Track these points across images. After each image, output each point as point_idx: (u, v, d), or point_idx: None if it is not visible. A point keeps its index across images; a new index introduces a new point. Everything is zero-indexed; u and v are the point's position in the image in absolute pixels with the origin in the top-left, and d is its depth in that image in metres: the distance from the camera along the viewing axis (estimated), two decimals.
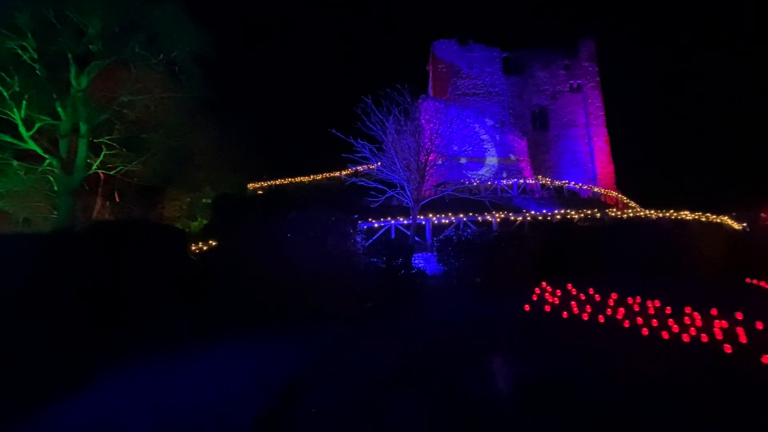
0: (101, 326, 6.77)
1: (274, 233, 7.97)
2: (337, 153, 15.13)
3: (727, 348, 5.35)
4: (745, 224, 18.72)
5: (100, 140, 14.22)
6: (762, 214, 32.24)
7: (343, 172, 22.85)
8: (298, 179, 25.93)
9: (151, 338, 6.55)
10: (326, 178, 25.43)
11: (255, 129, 26.58)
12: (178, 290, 8.06)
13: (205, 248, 11.54)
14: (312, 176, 26.06)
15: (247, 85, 51.93)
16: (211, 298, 8.04)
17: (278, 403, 4.33)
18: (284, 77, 60.29)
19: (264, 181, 25.53)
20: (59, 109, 13.05)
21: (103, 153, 14.37)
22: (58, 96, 13.01)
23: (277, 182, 25.70)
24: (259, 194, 23.49)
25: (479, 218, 14.20)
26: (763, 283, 10.35)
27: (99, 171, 14.81)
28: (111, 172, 15.05)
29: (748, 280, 10.77)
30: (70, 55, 12.83)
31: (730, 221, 16.01)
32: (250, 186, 24.56)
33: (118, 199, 16.93)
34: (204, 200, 19.41)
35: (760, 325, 6.18)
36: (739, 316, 6.58)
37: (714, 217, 15.00)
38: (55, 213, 13.56)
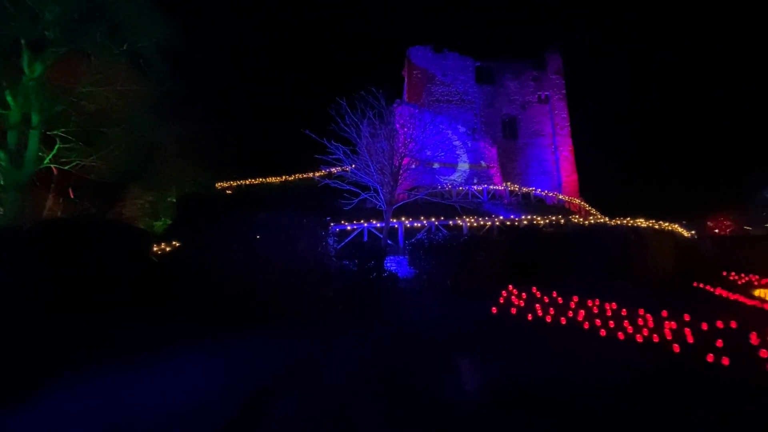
0: (51, 333, 6.31)
1: (242, 235, 7.75)
2: (310, 154, 14.96)
3: (676, 348, 5.72)
4: (693, 232, 20.16)
5: (54, 132, 13.33)
6: (708, 223, 34.98)
7: (316, 174, 22.62)
8: (269, 179, 25.40)
9: (107, 345, 6.17)
10: (299, 179, 25.06)
11: (225, 127, 25.88)
12: (138, 294, 7.66)
13: (168, 249, 11.04)
14: (284, 177, 25.61)
15: (219, 82, 50.42)
16: (174, 302, 7.69)
17: (242, 411, 4.20)
18: (258, 75, 59.05)
19: (233, 180, 24.83)
20: (9, 98, 12.13)
21: (57, 146, 13.47)
22: (7, 84, 12.10)
23: (247, 182, 25.06)
24: (228, 194, 22.82)
25: (450, 222, 14.46)
26: (708, 287, 11.15)
27: (52, 165, 13.86)
28: (65, 167, 14.11)
29: (695, 284, 11.56)
30: (23, 41, 11.98)
31: (680, 229, 17.16)
32: (219, 185, 23.80)
33: (72, 196, 15.90)
34: (169, 199, 18.60)
35: (705, 326, 6.66)
36: (687, 317, 7.06)
37: (666, 225, 16.02)
38: (1, 209, 12.55)
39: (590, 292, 8.73)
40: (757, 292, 10.87)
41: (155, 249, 10.82)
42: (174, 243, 11.37)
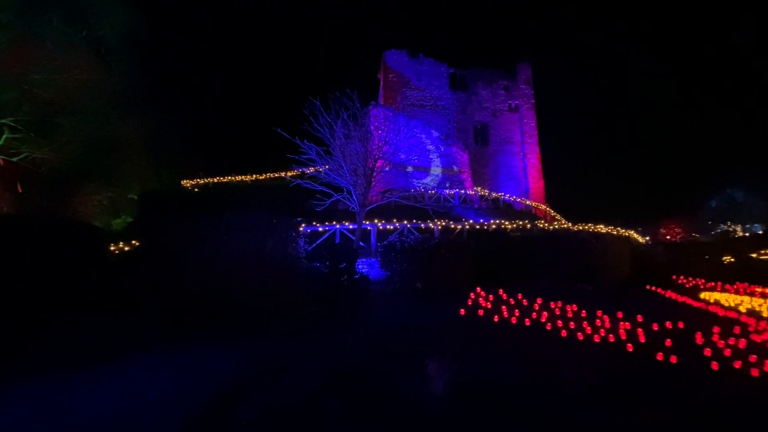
0: None
1: (207, 234, 7.48)
2: (282, 153, 14.68)
3: (629, 347, 6.05)
4: (648, 238, 21.47)
5: (3, 121, 12.36)
6: (661, 230, 37.28)
7: (288, 174, 22.24)
8: (239, 178, 24.72)
9: (58, 352, 5.76)
10: (270, 178, 24.57)
11: (194, 122, 24.97)
12: (92, 296, 7.21)
13: (127, 249, 10.47)
14: (255, 175, 25.03)
15: (189, 76, 48.61)
16: (131, 305, 7.30)
17: (205, 417, 4.04)
18: (230, 71, 57.44)
19: (200, 178, 23.97)
20: None
21: (4, 136, 12.49)
22: None
23: (216, 180, 24.27)
24: (195, 192, 22.00)
25: (422, 225, 14.61)
26: (659, 290, 11.89)
27: None
28: (13, 159, 13.10)
29: (648, 286, 12.30)
30: None
31: (636, 235, 18.21)
32: (185, 183, 22.89)
33: (20, 191, 14.74)
34: (130, 196, 17.64)
35: (656, 327, 7.09)
36: (640, 318, 7.50)
37: (623, 231, 16.97)
38: None
39: (553, 294, 9.09)
40: (703, 295, 11.70)
41: (113, 248, 10.25)
42: (133, 242, 10.81)
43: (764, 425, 4.01)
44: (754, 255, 21.54)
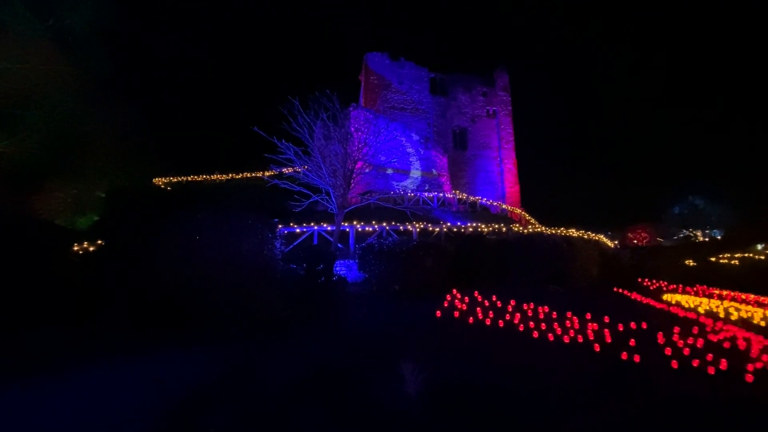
0: None
1: (179, 234, 7.25)
2: (259, 152, 14.43)
3: (596, 347, 6.28)
4: (616, 242, 22.42)
5: None
6: (629, 234, 38.97)
7: (266, 173, 21.89)
8: (214, 177, 24.13)
9: (13, 359, 5.44)
10: (247, 177, 24.11)
11: (168, 118, 24.18)
12: (54, 299, 6.85)
13: (92, 248, 10.00)
14: (231, 174, 24.50)
15: (165, 72, 47.08)
16: (96, 308, 6.98)
17: (173, 425, 3.91)
18: (208, 68, 56.02)
19: (173, 176, 23.25)
20: None
21: None
22: None
23: (190, 178, 23.60)
24: (168, 190, 21.30)
25: (401, 227, 14.69)
26: (626, 292, 12.40)
27: None
28: None
29: (615, 289, 12.81)
30: None
31: (605, 239, 18.97)
32: (157, 181, 22.15)
33: None
34: (97, 193, 16.88)
35: (621, 327, 7.39)
36: (606, 319, 7.79)
37: (593, 235, 17.62)
38: None
39: (526, 296, 9.32)
40: (665, 297, 12.29)
41: (76, 248, 9.77)
42: (99, 242, 10.34)
43: (719, 420, 4.24)
44: (713, 259, 22.87)
